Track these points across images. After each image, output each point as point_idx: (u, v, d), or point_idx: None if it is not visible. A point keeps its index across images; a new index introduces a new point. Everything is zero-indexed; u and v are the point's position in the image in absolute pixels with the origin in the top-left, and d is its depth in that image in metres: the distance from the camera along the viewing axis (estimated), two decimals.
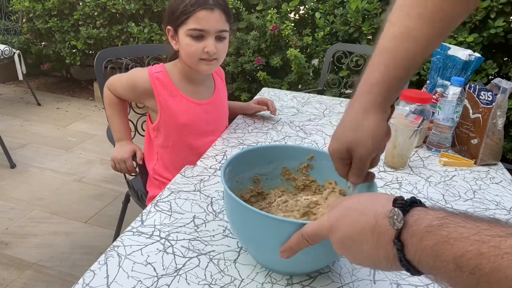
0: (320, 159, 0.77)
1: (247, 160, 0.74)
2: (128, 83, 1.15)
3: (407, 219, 0.40)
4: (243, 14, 2.69)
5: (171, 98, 1.13)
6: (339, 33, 2.47)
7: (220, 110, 1.26)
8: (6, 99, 3.53)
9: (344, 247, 0.48)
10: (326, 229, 0.50)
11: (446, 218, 0.37)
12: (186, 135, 1.17)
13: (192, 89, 1.17)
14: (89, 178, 2.36)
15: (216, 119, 1.23)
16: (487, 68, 2.15)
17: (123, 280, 0.61)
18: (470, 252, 0.33)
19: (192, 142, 1.17)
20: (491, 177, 1.06)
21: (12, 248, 1.74)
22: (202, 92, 1.19)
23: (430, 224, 0.38)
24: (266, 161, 0.78)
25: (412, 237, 0.39)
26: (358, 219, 0.46)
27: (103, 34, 3.14)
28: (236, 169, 0.72)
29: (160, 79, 1.12)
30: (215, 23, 1.05)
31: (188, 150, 1.18)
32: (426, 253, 0.37)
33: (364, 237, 0.44)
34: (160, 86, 1.12)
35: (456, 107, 1.12)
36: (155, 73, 1.12)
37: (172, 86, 1.13)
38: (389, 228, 0.41)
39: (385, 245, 0.42)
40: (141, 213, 0.77)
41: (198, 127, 1.17)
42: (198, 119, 1.17)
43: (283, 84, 2.70)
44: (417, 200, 0.43)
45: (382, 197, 0.47)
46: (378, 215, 0.43)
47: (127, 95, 1.19)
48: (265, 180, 0.79)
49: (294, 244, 0.55)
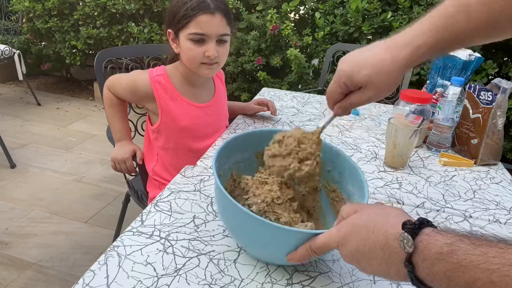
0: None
1: (226, 153, 0.74)
2: (129, 85, 1.14)
3: (417, 244, 0.42)
4: (243, 14, 2.69)
5: (172, 101, 1.12)
6: (339, 33, 2.47)
7: (220, 112, 1.26)
8: (6, 99, 3.53)
9: (354, 260, 0.50)
10: (336, 242, 0.52)
11: (455, 244, 0.39)
12: (187, 138, 1.16)
13: (193, 92, 1.16)
14: (89, 178, 2.36)
15: (216, 121, 1.23)
16: (487, 68, 2.15)
17: (123, 280, 0.61)
18: (481, 280, 0.36)
19: (192, 144, 1.17)
20: (491, 177, 1.06)
21: (12, 248, 1.74)
22: (202, 95, 1.19)
23: (440, 251, 0.40)
24: (242, 150, 0.79)
25: (424, 261, 0.41)
26: (368, 237, 0.47)
27: (103, 34, 3.14)
28: (219, 164, 0.73)
29: (161, 83, 1.11)
30: (216, 27, 1.04)
31: (188, 152, 1.18)
32: (439, 277, 0.40)
33: (374, 254, 0.46)
34: (161, 89, 1.11)
35: (456, 107, 1.12)
36: (156, 76, 1.11)
37: (173, 90, 1.13)
38: (400, 250, 0.44)
39: (396, 264, 0.44)
40: (141, 213, 0.77)
41: (198, 130, 1.17)
42: (198, 122, 1.16)
43: (283, 84, 2.70)
44: (424, 220, 0.44)
45: (391, 214, 0.48)
46: (388, 236, 0.45)
47: (127, 97, 1.18)
48: (243, 167, 0.80)
49: (301, 255, 0.57)
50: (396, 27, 2.26)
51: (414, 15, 2.24)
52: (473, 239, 0.39)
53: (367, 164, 1.07)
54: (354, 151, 1.14)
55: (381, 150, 1.16)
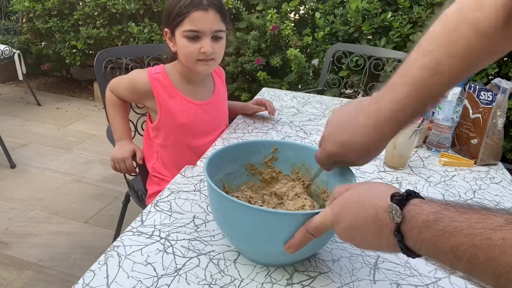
0: (284, 149, 0.80)
1: (217, 162, 0.74)
2: (129, 84, 1.16)
3: (405, 214, 0.44)
4: (243, 14, 2.69)
5: (170, 99, 1.13)
6: (339, 33, 2.47)
7: (219, 110, 1.26)
8: (6, 99, 3.53)
9: (349, 236, 0.52)
10: (331, 220, 0.54)
11: (440, 213, 0.41)
12: (185, 135, 1.17)
13: (192, 90, 1.17)
14: (89, 178, 2.36)
15: (215, 119, 1.23)
16: (487, 68, 2.15)
17: (123, 280, 0.61)
18: (465, 244, 0.38)
19: (191, 142, 1.18)
20: (491, 177, 1.06)
21: (12, 248, 1.74)
22: (201, 92, 1.20)
23: (426, 220, 0.42)
24: (232, 160, 0.79)
25: (411, 230, 0.43)
26: (359, 211, 0.50)
27: (103, 34, 3.14)
28: (211, 173, 0.72)
29: (159, 80, 1.12)
30: (210, 23, 1.05)
31: (187, 150, 1.18)
32: (425, 244, 0.42)
33: (367, 227, 0.49)
34: (159, 87, 1.12)
35: (456, 107, 1.12)
36: (155, 74, 1.13)
37: (171, 87, 1.14)
38: (389, 221, 0.46)
39: (386, 236, 0.46)
40: (141, 213, 0.77)
41: (197, 127, 1.18)
42: (197, 119, 1.17)
43: (283, 84, 2.70)
44: (411, 192, 0.46)
45: (380, 189, 0.50)
46: (378, 209, 0.47)
47: (128, 97, 1.20)
48: (234, 179, 0.80)
49: (299, 240, 0.58)
50: (396, 27, 2.26)
51: (414, 15, 2.24)
52: (458, 207, 0.41)
53: (367, 164, 1.07)
54: None
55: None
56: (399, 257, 0.71)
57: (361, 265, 0.68)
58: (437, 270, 0.68)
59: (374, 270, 0.67)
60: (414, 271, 0.68)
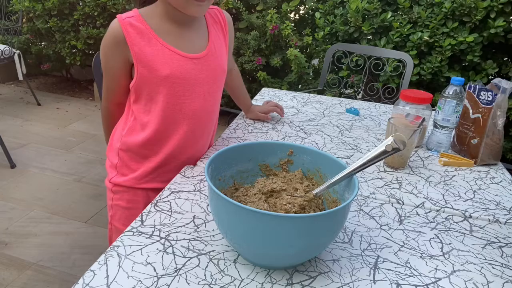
0: (300, 153, 0.79)
1: (228, 158, 0.75)
2: (103, 58, 0.96)
3: None
4: (243, 14, 2.69)
5: (149, 47, 0.92)
6: (339, 33, 2.47)
7: (215, 67, 1.01)
8: (6, 99, 3.53)
9: None
10: None
11: None
12: (172, 94, 0.95)
13: (177, 37, 0.95)
14: (89, 178, 2.36)
15: (209, 78, 1.00)
16: (487, 68, 2.16)
17: (123, 280, 0.61)
18: None
19: (181, 103, 0.97)
20: (491, 177, 1.06)
21: (12, 248, 1.74)
22: (190, 42, 0.97)
23: None
24: (246, 159, 0.79)
25: None
26: None
27: (103, 34, 3.14)
28: (218, 168, 0.73)
29: (133, 25, 0.91)
30: None
31: (178, 113, 0.98)
32: None
33: None
34: (134, 33, 0.91)
35: (456, 107, 1.12)
36: (127, 18, 0.91)
37: (150, 32, 0.92)
38: None
39: None
40: (141, 213, 0.77)
41: (185, 84, 0.96)
42: (185, 75, 0.95)
43: (283, 84, 2.70)
44: None
45: None
46: None
47: (115, 76, 0.98)
48: (246, 177, 0.80)
49: None
50: (396, 27, 2.26)
51: (414, 15, 2.24)
52: None
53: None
54: (354, 151, 1.14)
55: None
56: (399, 257, 0.71)
57: (361, 265, 0.68)
58: (437, 270, 0.68)
59: (374, 270, 0.67)
60: (414, 271, 0.68)
